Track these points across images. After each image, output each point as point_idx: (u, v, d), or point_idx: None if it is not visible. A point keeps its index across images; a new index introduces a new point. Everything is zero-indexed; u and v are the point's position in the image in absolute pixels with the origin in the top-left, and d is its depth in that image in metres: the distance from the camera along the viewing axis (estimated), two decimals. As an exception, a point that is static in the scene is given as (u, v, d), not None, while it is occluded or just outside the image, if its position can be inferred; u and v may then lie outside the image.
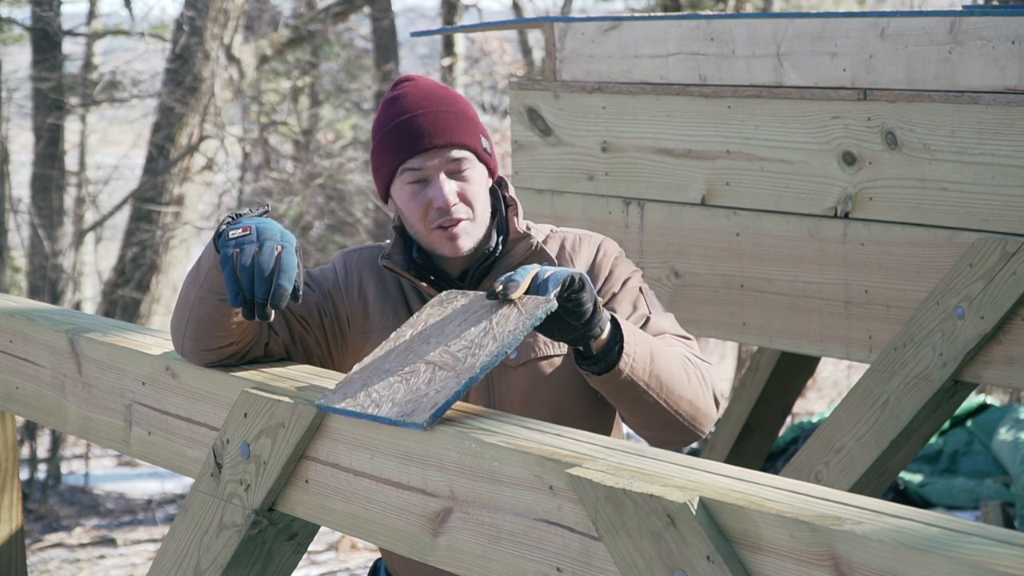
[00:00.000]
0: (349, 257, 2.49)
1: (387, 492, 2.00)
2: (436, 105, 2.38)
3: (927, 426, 3.36)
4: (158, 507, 9.39)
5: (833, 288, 3.51)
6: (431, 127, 2.35)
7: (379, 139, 2.40)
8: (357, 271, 2.46)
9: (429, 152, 2.34)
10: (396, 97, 2.41)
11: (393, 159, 2.37)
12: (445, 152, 2.35)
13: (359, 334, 2.42)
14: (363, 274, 2.46)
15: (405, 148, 2.35)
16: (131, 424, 2.47)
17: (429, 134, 2.34)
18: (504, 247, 2.42)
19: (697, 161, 3.76)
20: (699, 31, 3.76)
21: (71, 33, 12.88)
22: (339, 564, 7.39)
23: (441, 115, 2.37)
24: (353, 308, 2.43)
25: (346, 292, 2.44)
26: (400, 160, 2.35)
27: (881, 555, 1.47)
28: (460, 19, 14.29)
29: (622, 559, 1.69)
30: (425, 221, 2.35)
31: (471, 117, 2.40)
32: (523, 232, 2.43)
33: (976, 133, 3.21)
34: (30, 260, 12.13)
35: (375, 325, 2.41)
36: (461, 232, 2.35)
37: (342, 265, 2.48)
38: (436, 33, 7.84)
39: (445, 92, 2.41)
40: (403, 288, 2.44)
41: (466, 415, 2.00)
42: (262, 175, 13.50)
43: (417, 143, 2.34)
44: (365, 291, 2.44)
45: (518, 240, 2.42)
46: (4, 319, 2.78)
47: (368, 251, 2.51)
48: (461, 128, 2.37)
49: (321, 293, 2.43)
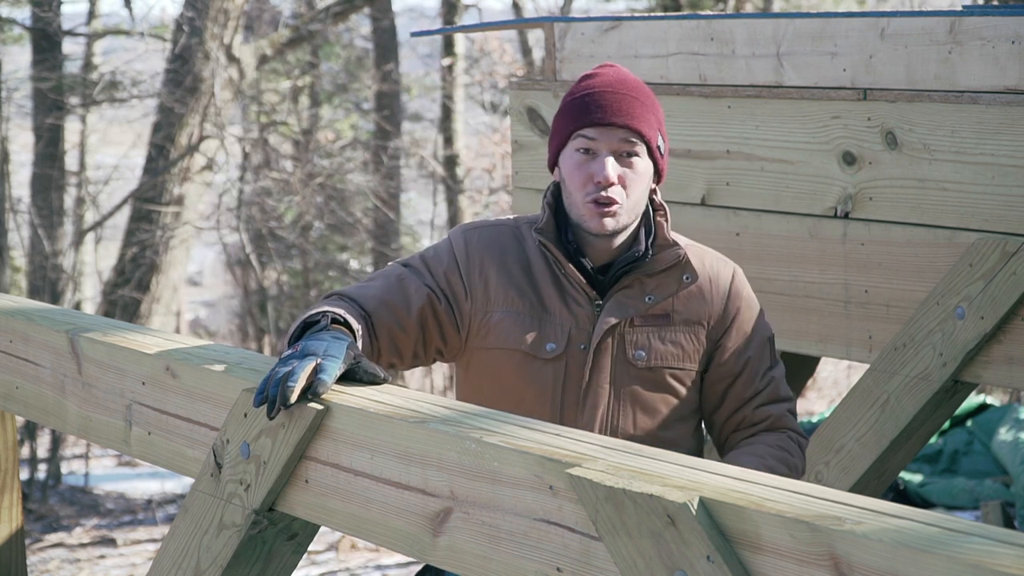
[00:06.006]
0: (470, 235, 2.51)
1: (387, 492, 2.00)
2: (627, 89, 2.43)
3: (927, 426, 3.36)
4: (158, 507, 9.39)
5: (833, 288, 3.51)
6: (615, 104, 2.40)
7: (564, 105, 2.46)
8: (478, 248, 2.48)
9: (606, 127, 2.39)
10: (593, 74, 2.48)
11: (571, 123, 2.42)
12: (621, 132, 2.40)
13: (480, 312, 2.45)
14: (484, 251, 2.48)
15: (584, 116, 2.40)
16: (131, 424, 2.47)
17: (611, 110, 2.40)
18: (653, 252, 2.46)
19: (697, 161, 3.76)
20: (699, 31, 3.76)
21: (71, 33, 12.88)
22: (339, 564, 7.40)
23: (628, 99, 2.42)
24: (474, 287, 2.46)
25: (467, 272, 2.47)
26: (577, 126, 2.41)
27: (881, 555, 1.47)
28: (460, 19, 14.30)
29: (622, 559, 1.69)
30: (583, 191, 2.40)
31: (656, 113, 2.45)
32: (672, 241, 2.47)
33: (976, 133, 3.20)
34: (30, 260, 12.13)
35: (497, 306, 2.44)
36: (612, 212, 2.39)
37: (462, 243, 2.50)
38: (436, 33, 7.85)
39: (639, 83, 2.47)
40: (531, 267, 2.47)
41: (466, 415, 2.00)
42: (262, 175, 13.50)
43: (597, 114, 2.40)
44: (487, 271, 2.46)
45: (666, 247, 2.46)
46: (4, 319, 2.78)
47: (489, 228, 2.53)
48: (642, 117, 2.41)
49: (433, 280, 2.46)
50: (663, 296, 2.46)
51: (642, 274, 2.45)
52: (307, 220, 13.45)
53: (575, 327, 2.43)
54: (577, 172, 2.41)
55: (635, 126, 2.40)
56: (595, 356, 2.42)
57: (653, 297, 2.45)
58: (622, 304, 2.44)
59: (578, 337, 2.43)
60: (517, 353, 2.43)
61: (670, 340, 2.45)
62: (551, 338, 2.43)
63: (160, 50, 12.85)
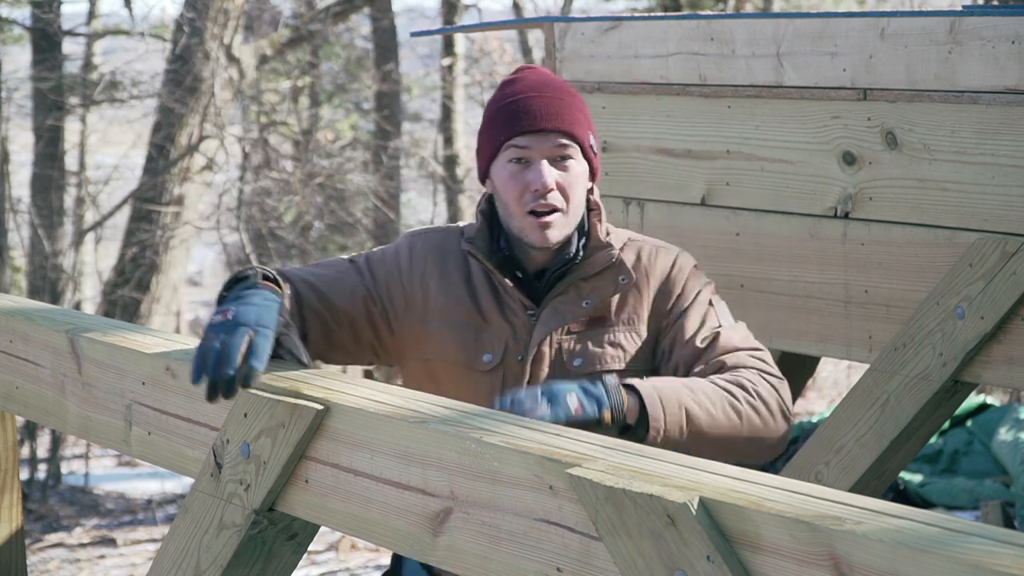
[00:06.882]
0: (415, 241, 2.46)
1: (387, 492, 2.00)
2: (552, 92, 2.36)
3: (927, 426, 3.36)
4: (158, 507, 9.39)
5: (833, 288, 3.51)
6: (544, 109, 2.33)
7: (489, 115, 2.38)
8: (422, 255, 2.43)
9: (537, 134, 2.32)
10: (514, 79, 2.40)
11: (500, 134, 2.34)
12: (553, 137, 2.32)
13: (419, 322, 2.40)
14: (427, 258, 2.43)
15: (514, 125, 2.32)
16: (131, 424, 2.47)
17: (541, 115, 2.32)
18: (584, 253, 2.39)
19: (697, 161, 3.76)
20: (699, 31, 3.76)
21: (71, 33, 12.89)
22: (339, 564, 7.40)
23: (555, 101, 2.34)
24: (414, 295, 2.41)
25: (408, 280, 2.42)
26: (507, 136, 2.33)
27: (881, 555, 1.47)
28: (460, 19, 14.30)
29: (622, 559, 1.69)
30: (520, 203, 2.33)
31: (584, 112, 2.38)
32: (605, 241, 2.40)
33: (976, 133, 3.20)
34: (30, 260, 12.13)
35: (435, 315, 2.40)
36: (553, 222, 2.32)
37: (407, 250, 2.45)
38: (436, 33, 7.84)
39: (563, 83, 2.40)
40: (471, 276, 2.41)
41: (466, 415, 2.00)
42: (262, 175, 13.50)
43: (527, 122, 2.32)
44: (427, 279, 2.41)
45: (599, 248, 2.39)
46: (4, 319, 2.78)
47: (435, 234, 2.47)
48: (572, 118, 2.34)
49: (372, 282, 2.42)
50: (600, 299, 2.39)
51: (577, 278, 2.38)
52: (307, 220, 13.45)
53: (512, 337, 2.37)
54: (512, 183, 2.33)
55: (566, 129, 2.33)
56: (532, 367, 2.36)
57: (590, 301, 2.38)
58: (558, 311, 2.37)
59: (515, 348, 2.37)
60: (455, 365, 2.37)
61: (609, 343, 2.37)
62: (488, 349, 2.37)
63: (160, 50, 12.85)
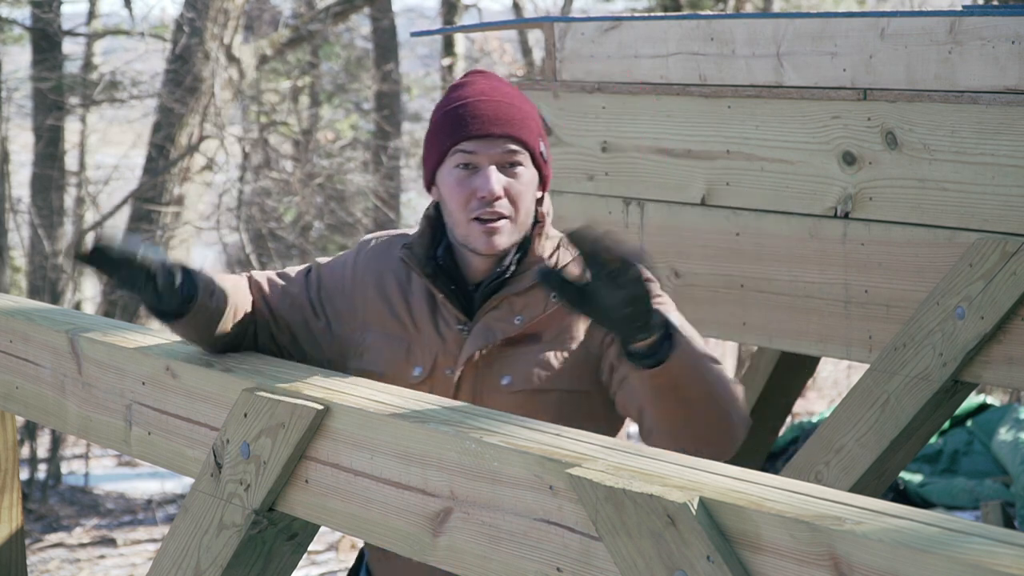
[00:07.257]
0: (363, 247, 2.42)
1: (387, 492, 2.00)
2: (502, 96, 2.28)
3: (927, 426, 3.36)
4: (158, 507, 9.39)
5: (833, 288, 3.51)
6: (492, 113, 2.25)
7: (436, 120, 2.30)
8: (365, 264, 2.39)
9: (485, 139, 2.23)
10: (463, 83, 2.33)
11: (446, 139, 2.26)
12: (501, 143, 2.24)
13: (356, 331, 2.38)
14: (369, 267, 2.38)
15: (461, 130, 2.24)
16: (131, 424, 2.47)
17: (489, 120, 2.24)
18: (518, 268, 2.30)
19: (697, 161, 3.76)
20: (699, 31, 3.76)
21: (71, 33, 12.88)
22: (339, 564, 7.39)
23: (504, 106, 2.27)
24: (355, 306, 2.38)
25: (351, 287, 2.38)
26: (454, 141, 2.24)
27: (881, 555, 1.47)
28: (460, 19, 14.29)
29: (622, 559, 1.69)
30: (466, 210, 2.24)
31: (534, 118, 2.30)
32: (538, 255, 2.30)
33: (976, 133, 3.20)
34: (30, 260, 12.13)
35: (371, 326, 2.37)
36: (501, 228, 2.24)
37: (353, 257, 2.41)
38: (436, 33, 7.84)
39: (513, 89, 2.32)
40: (410, 285, 2.35)
41: (466, 415, 2.00)
42: (262, 175, 13.49)
43: (475, 126, 2.23)
44: (367, 289, 2.37)
45: (534, 263, 2.29)
46: (4, 319, 2.78)
47: (382, 242, 2.42)
48: (523, 124, 2.26)
49: (317, 294, 2.39)
50: (532, 315, 2.28)
51: (510, 293, 2.28)
52: (307, 220, 13.45)
53: (442, 351, 2.30)
54: (458, 189, 2.24)
55: (516, 134, 2.24)
56: (460, 382, 2.29)
57: (522, 317, 2.28)
58: (489, 328, 2.28)
59: (444, 361, 2.30)
60: (385, 376, 2.30)
61: (538, 362, 2.26)
62: (418, 361, 2.31)
63: (160, 50, 12.84)
